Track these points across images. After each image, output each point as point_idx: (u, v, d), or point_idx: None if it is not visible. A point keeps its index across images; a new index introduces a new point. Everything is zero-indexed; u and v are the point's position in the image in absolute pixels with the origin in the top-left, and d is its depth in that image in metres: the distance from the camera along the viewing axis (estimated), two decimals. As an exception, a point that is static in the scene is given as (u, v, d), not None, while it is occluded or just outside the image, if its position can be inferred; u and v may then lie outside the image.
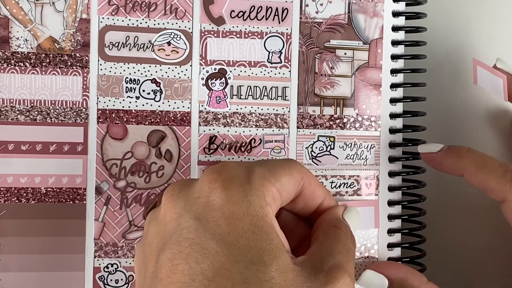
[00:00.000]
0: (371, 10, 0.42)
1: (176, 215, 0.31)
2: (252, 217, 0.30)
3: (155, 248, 0.31)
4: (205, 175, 0.31)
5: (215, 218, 0.30)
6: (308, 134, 0.42)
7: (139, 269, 0.33)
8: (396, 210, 0.43)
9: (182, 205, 0.31)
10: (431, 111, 0.45)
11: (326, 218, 0.36)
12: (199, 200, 0.31)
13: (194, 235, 0.29)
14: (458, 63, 0.48)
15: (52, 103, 0.40)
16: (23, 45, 0.40)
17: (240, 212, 0.30)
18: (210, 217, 0.30)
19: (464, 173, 0.40)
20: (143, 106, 0.41)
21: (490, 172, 0.39)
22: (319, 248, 0.33)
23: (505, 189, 0.38)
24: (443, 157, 0.41)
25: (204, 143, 0.41)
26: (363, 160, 0.42)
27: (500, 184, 0.38)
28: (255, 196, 0.31)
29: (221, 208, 0.30)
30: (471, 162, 0.40)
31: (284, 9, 0.42)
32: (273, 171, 0.32)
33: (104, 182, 0.40)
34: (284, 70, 0.42)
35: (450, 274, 0.47)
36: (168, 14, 0.41)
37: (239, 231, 0.29)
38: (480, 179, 0.39)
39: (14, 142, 0.39)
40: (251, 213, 0.30)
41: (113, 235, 0.40)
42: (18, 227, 0.39)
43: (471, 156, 0.40)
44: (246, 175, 0.31)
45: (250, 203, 0.30)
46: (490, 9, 0.48)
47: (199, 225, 0.30)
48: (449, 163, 0.40)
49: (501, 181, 0.38)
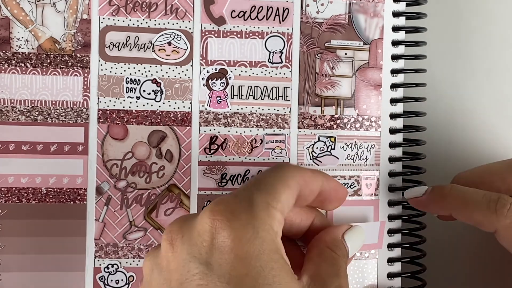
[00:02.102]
0: (372, 10, 0.42)
1: (183, 262, 0.30)
2: (267, 253, 0.29)
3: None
4: (205, 214, 0.30)
5: (229, 261, 0.29)
6: (309, 134, 0.42)
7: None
8: (396, 210, 0.43)
9: (187, 251, 0.30)
10: (431, 111, 0.45)
11: (323, 239, 0.35)
12: (206, 243, 0.29)
13: (207, 281, 0.28)
14: (458, 63, 0.48)
15: (53, 103, 0.40)
16: (24, 46, 0.39)
17: (255, 251, 0.29)
18: (222, 260, 0.29)
19: (451, 212, 0.39)
20: (143, 106, 0.41)
21: (474, 206, 0.38)
22: (317, 271, 0.33)
23: (492, 220, 0.37)
24: (428, 201, 0.40)
25: (204, 143, 0.41)
26: (364, 160, 0.42)
27: (486, 217, 0.38)
28: (265, 231, 0.30)
29: (232, 250, 0.29)
30: (454, 201, 0.39)
31: (284, 9, 0.42)
32: (273, 193, 0.31)
33: (105, 182, 0.40)
34: (285, 70, 0.42)
35: (450, 274, 0.47)
36: (169, 14, 0.41)
37: (257, 270, 0.29)
38: (467, 215, 0.39)
39: (15, 142, 0.39)
40: (265, 249, 0.29)
41: (114, 235, 0.40)
42: (18, 227, 0.39)
43: (454, 194, 0.39)
44: (248, 208, 0.30)
45: (263, 239, 0.29)
46: (491, 9, 0.48)
47: (211, 270, 0.29)
48: (435, 205, 0.40)
49: (486, 213, 0.38)
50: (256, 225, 0.29)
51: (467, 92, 0.48)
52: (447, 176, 0.42)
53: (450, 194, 0.39)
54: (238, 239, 0.29)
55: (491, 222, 0.38)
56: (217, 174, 0.41)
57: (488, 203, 0.38)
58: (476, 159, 0.47)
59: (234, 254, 0.29)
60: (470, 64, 0.48)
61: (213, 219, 0.29)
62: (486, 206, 0.38)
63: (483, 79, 0.48)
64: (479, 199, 0.38)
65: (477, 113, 0.48)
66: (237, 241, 0.29)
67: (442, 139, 0.47)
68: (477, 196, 0.38)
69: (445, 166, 0.47)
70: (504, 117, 0.48)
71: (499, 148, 0.48)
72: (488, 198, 0.38)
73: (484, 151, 0.48)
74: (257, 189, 0.31)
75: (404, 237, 0.43)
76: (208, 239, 0.29)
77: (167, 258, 0.31)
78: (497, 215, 0.37)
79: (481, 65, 0.48)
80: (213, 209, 0.30)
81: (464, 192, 0.39)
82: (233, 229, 0.29)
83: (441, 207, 0.40)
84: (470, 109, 0.48)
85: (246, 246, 0.29)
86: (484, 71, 0.48)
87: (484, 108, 0.48)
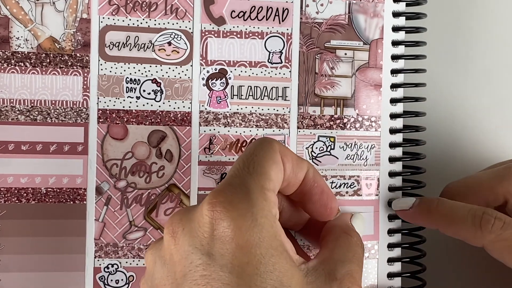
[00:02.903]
0: (372, 11, 0.42)
1: (186, 254, 0.30)
2: (267, 240, 0.29)
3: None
4: (204, 207, 0.30)
5: (230, 251, 0.29)
6: (309, 134, 0.42)
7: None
8: (396, 210, 0.43)
9: (189, 242, 0.30)
10: (431, 111, 0.45)
11: (337, 224, 0.36)
12: (206, 234, 0.30)
13: (210, 271, 0.29)
14: (458, 63, 0.48)
15: (53, 103, 0.40)
16: (23, 45, 0.39)
17: (254, 239, 0.29)
18: (223, 250, 0.29)
19: (437, 227, 0.40)
20: (143, 106, 0.41)
21: (460, 222, 0.38)
22: (330, 255, 0.33)
23: (478, 236, 0.38)
24: (415, 214, 0.40)
25: (204, 143, 0.41)
26: (363, 160, 0.42)
27: (472, 233, 0.38)
28: (263, 217, 0.30)
29: (233, 239, 0.29)
30: (441, 217, 0.39)
31: (284, 9, 0.42)
32: (263, 173, 0.31)
33: (105, 182, 0.40)
34: (285, 70, 0.42)
35: (450, 274, 0.47)
36: (169, 14, 0.41)
37: (258, 258, 0.29)
38: (453, 231, 0.39)
39: (15, 142, 0.39)
40: (265, 236, 0.29)
41: (114, 235, 0.40)
42: (18, 227, 0.39)
43: (440, 210, 0.39)
44: (245, 196, 0.30)
45: (262, 226, 0.30)
46: (491, 9, 0.48)
47: (213, 261, 0.29)
48: (421, 220, 0.40)
49: (471, 230, 0.38)
50: (255, 212, 0.30)
51: (467, 92, 0.48)
52: (447, 176, 0.42)
53: (437, 210, 0.39)
54: (237, 228, 0.29)
55: (477, 238, 0.38)
56: (217, 174, 0.41)
57: (473, 219, 0.38)
58: (476, 159, 0.48)
59: (235, 243, 0.29)
60: (470, 64, 0.48)
61: (212, 210, 0.30)
62: (471, 223, 0.38)
63: (483, 79, 0.48)
64: (464, 215, 0.38)
65: (476, 113, 0.48)
66: (237, 230, 0.29)
67: (442, 139, 0.47)
68: (463, 212, 0.38)
69: (445, 166, 0.47)
70: (504, 117, 0.48)
71: (499, 148, 0.48)
72: (473, 214, 0.38)
73: (483, 151, 0.48)
74: (248, 173, 0.31)
75: (404, 237, 0.43)
76: (208, 230, 0.30)
77: (170, 250, 0.31)
78: (482, 231, 0.37)
79: (480, 65, 0.48)
80: (211, 201, 0.30)
81: (450, 208, 0.39)
82: (232, 219, 0.29)
83: (428, 222, 0.40)
84: (470, 109, 0.48)
85: (246, 235, 0.29)
86: (484, 71, 0.48)
87: (483, 108, 0.48)
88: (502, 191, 0.39)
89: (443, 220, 0.39)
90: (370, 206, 0.42)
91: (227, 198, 0.30)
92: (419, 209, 0.40)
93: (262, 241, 0.29)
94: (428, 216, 0.40)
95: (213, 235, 0.29)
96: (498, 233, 0.37)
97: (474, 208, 0.38)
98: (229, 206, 0.30)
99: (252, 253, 0.29)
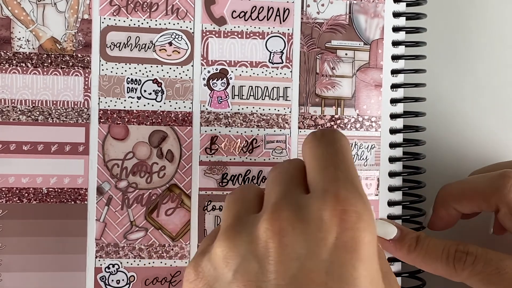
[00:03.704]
0: (372, 11, 0.43)
1: (297, 255, 0.28)
2: (380, 252, 0.30)
3: None
4: (328, 212, 0.28)
5: (349, 261, 0.27)
6: (309, 134, 0.42)
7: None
8: (396, 210, 0.43)
9: (302, 246, 0.28)
10: (431, 111, 0.45)
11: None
12: (328, 241, 0.28)
13: (326, 280, 0.27)
14: (458, 63, 0.48)
15: (54, 103, 0.40)
16: (25, 46, 0.39)
17: (375, 252, 0.29)
18: (340, 259, 0.28)
19: (416, 265, 0.40)
20: (144, 107, 0.41)
21: (437, 261, 0.39)
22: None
23: (453, 274, 0.38)
24: (396, 249, 0.40)
25: (205, 144, 0.41)
26: (364, 160, 0.43)
27: (448, 272, 0.38)
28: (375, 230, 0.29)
29: (356, 250, 0.28)
30: (418, 257, 0.39)
31: (285, 10, 0.42)
32: (356, 183, 0.30)
33: (106, 182, 0.40)
34: (286, 71, 0.42)
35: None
36: (170, 15, 0.41)
37: (377, 268, 0.29)
38: (431, 271, 0.39)
39: (16, 142, 0.39)
40: (379, 249, 0.30)
41: (115, 235, 0.40)
42: (19, 227, 0.39)
43: (418, 249, 0.39)
44: (365, 206, 0.29)
45: (375, 239, 0.29)
46: (490, 9, 0.48)
47: (331, 270, 0.27)
48: (400, 256, 0.40)
49: (446, 269, 0.38)
50: (372, 225, 0.29)
51: (467, 92, 0.48)
52: (447, 176, 0.42)
53: (415, 250, 0.39)
54: (360, 240, 0.28)
55: (453, 277, 0.38)
56: (218, 174, 0.41)
57: (447, 259, 0.38)
58: (476, 159, 0.48)
59: (357, 254, 0.27)
60: (470, 64, 0.48)
61: (340, 218, 0.28)
62: (446, 262, 0.38)
63: (483, 79, 0.48)
64: (439, 255, 0.39)
65: (476, 113, 0.48)
66: (360, 242, 0.28)
67: (442, 139, 0.47)
68: (438, 252, 0.39)
69: (445, 166, 0.47)
70: (504, 117, 0.48)
71: (499, 148, 0.48)
72: (446, 253, 0.38)
73: (483, 151, 0.48)
74: (351, 184, 0.29)
75: (404, 237, 0.43)
76: (330, 236, 0.28)
77: (273, 249, 0.28)
78: (455, 269, 0.38)
79: (480, 65, 0.48)
80: (335, 207, 0.28)
81: (427, 247, 0.39)
82: (357, 229, 0.28)
83: (407, 260, 0.40)
84: (470, 109, 0.48)
85: (368, 248, 0.28)
86: (484, 71, 0.48)
87: (483, 108, 0.48)
88: (495, 200, 0.39)
89: (421, 261, 0.39)
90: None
91: (353, 206, 0.28)
92: (399, 246, 0.40)
93: (380, 251, 0.30)
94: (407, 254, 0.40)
95: (335, 244, 0.28)
96: (470, 269, 0.38)
97: (447, 245, 0.39)
98: (355, 215, 0.28)
99: (374, 265, 0.28)
